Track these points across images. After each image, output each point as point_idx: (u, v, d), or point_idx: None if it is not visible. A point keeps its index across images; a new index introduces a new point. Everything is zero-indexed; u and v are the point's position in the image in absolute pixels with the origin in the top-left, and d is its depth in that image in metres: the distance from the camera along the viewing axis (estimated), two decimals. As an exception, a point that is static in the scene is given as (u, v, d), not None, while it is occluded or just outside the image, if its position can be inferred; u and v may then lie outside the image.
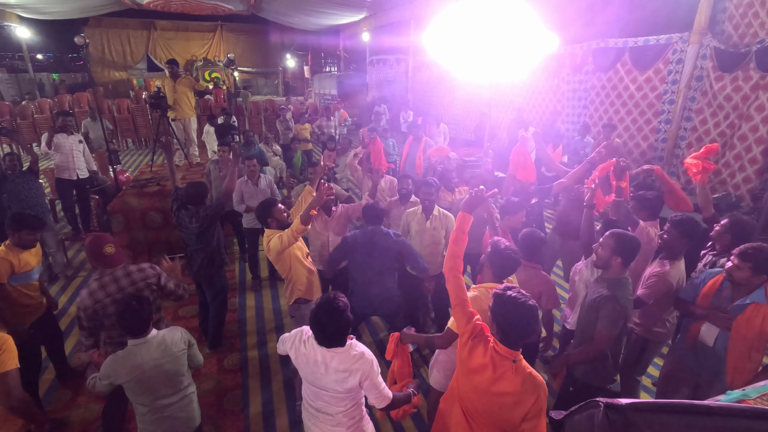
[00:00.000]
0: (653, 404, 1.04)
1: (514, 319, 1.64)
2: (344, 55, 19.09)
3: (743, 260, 2.14)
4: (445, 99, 11.76)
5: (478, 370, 1.71)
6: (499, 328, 1.69)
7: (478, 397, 1.74)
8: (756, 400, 1.54)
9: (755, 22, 5.28)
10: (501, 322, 1.67)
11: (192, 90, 6.37)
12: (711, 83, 5.65)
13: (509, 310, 1.64)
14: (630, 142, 6.82)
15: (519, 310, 1.63)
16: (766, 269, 2.12)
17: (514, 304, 1.64)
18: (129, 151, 12.14)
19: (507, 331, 1.66)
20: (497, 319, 1.69)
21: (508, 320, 1.65)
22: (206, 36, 21.35)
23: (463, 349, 1.78)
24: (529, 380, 1.64)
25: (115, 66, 19.84)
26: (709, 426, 0.95)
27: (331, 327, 1.81)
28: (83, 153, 5.81)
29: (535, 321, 1.66)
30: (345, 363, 1.83)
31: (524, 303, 1.64)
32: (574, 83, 7.72)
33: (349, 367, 1.83)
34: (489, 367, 1.68)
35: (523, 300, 1.65)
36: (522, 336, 1.67)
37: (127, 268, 2.51)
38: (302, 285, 2.93)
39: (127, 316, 2.00)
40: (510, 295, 1.66)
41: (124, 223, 5.01)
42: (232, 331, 4.01)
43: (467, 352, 1.76)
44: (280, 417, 3.05)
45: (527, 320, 1.64)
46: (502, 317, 1.66)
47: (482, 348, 1.72)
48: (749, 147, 5.32)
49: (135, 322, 2.02)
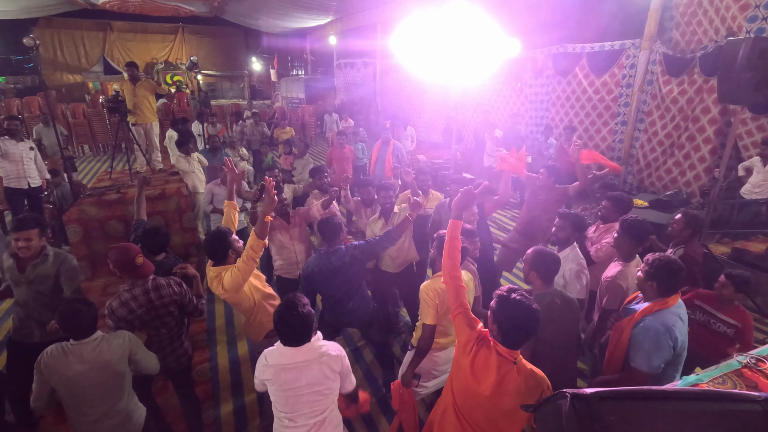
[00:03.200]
0: (615, 392, 1.10)
1: (519, 321, 1.64)
2: (311, 58, 18.97)
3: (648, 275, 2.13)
4: (413, 102, 11.90)
5: (482, 374, 1.70)
6: (500, 329, 1.68)
7: (482, 402, 1.72)
8: (708, 384, 1.65)
9: (699, 30, 5.65)
10: (504, 324, 1.66)
11: (153, 94, 6.15)
12: (660, 87, 6.00)
13: (514, 313, 1.64)
14: (590, 143, 7.13)
15: (524, 313, 1.63)
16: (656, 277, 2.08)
17: (518, 307, 1.64)
18: (86, 158, 11.57)
19: (509, 333, 1.66)
20: (499, 321, 1.67)
21: (512, 322, 1.64)
22: (167, 38, 20.68)
23: (465, 357, 1.76)
24: (532, 378, 1.66)
25: (68, 69, 18.87)
26: (665, 409, 1.01)
27: (299, 325, 1.84)
28: (35, 160, 5.50)
29: (537, 323, 1.66)
30: (317, 353, 1.89)
31: (529, 306, 1.65)
32: (536, 86, 8.00)
33: (323, 355, 1.90)
34: (493, 371, 1.67)
35: (528, 303, 1.65)
36: (524, 338, 1.68)
37: (157, 281, 2.44)
38: (270, 317, 2.61)
39: (69, 318, 1.94)
40: (515, 298, 1.66)
41: (81, 233, 4.77)
42: (201, 341, 3.89)
43: (471, 359, 1.73)
44: (254, 427, 2.98)
45: (530, 323, 1.64)
46: (506, 319, 1.65)
47: (485, 351, 1.71)
48: (697, 147, 5.67)
49: (77, 325, 1.96)
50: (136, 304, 2.35)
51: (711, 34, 5.46)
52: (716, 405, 1.01)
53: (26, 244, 2.52)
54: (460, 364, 1.78)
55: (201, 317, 2.69)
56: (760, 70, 3.66)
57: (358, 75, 14.33)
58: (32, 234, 2.54)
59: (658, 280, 2.05)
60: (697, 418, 0.98)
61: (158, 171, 6.25)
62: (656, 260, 2.07)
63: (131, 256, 2.38)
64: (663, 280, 2.04)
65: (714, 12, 5.38)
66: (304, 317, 1.85)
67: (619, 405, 1.06)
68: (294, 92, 16.42)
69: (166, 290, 2.44)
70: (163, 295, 2.43)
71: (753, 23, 4.91)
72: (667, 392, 1.07)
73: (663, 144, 6.10)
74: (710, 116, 5.45)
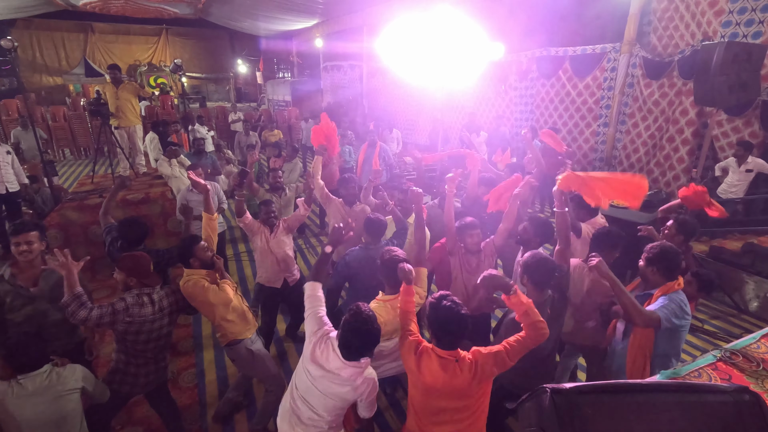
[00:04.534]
0: (594, 386, 1.13)
1: (450, 326, 1.79)
2: (298, 60, 18.90)
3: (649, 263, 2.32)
4: (399, 104, 11.95)
5: (431, 377, 1.81)
6: (434, 334, 1.85)
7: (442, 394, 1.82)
8: (684, 377, 1.70)
9: (676, 34, 5.81)
10: (436, 328, 1.82)
11: (136, 96, 6.06)
12: (641, 90, 6.15)
13: (445, 319, 1.78)
14: (573, 144, 7.26)
15: (454, 318, 1.77)
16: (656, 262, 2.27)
17: (449, 313, 1.78)
18: (67, 162, 11.34)
19: (441, 336, 1.82)
20: (433, 326, 1.83)
21: (444, 327, 1.80)
22: (150, 40, 20.40)
23: (411, 363, 1.88)
24: (473, 367, 1.78)
25: (48, 71, 18.45)
26: (641, 401, 1.04)
27: (361, 341, 1.84)
28: (12, 165, 5.36)
29: (466, 327, 1.81)
30: (354, 377, 1.88)
31: (458, 312, 1.78)
32: (520, 89, 8.11)
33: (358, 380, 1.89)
34: (440, 372, 1.79)
35: (457, 309, 1.79)
36: (456, 340, 1.82)
37: (161, 292, 2.43)
38: (235, 327, 2.67)
39: (17, 352, 1.92)
40: (445, 305, 1.80)
41: (62, 239, 4.68)
42: (186, 346, 3.85)
43: (416, 365, 1.86)
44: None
45: (460, 327, 1.79)
46: (438, 324, 1.81)
47: (426, 359, 1.84)
48: (676, 148, 5.83)
49: (24, 359, 1.94)
50: (137, 311, 2.28)
51: (688, 39, 5.62)
52: (689, 396, 1.05)
53: (28, 248, 2.43)
54: (410, 369, 1.91)
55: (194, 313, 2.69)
56: (733, 73, 3.79)
57: (345, 77, 14.34)
58: (33, 237, 2.46)
59: (657, 265, 2.23)
60: (671, 409, 1.02)
61: (142, 174, 6.17)
62: (653, 248, 2.28)
63: (146, 263, 2.40)
64: (663, 265, 2.21)
65: (690, 17, 5.54)
66: (374, 333, 1.85)
67: (597, 398, 1.09)
68: (280, 95, 16.33)
69: (166, 301, 2.43)
70: (163, 306, 2.41)
71: (727, 28, 5.07)
72: (643, 385, 1.11)
73: (646, 145, 6.24)
74: (688, 118, 5.61)
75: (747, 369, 1.79)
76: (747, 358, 1.85)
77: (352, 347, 1.83)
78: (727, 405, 1.02)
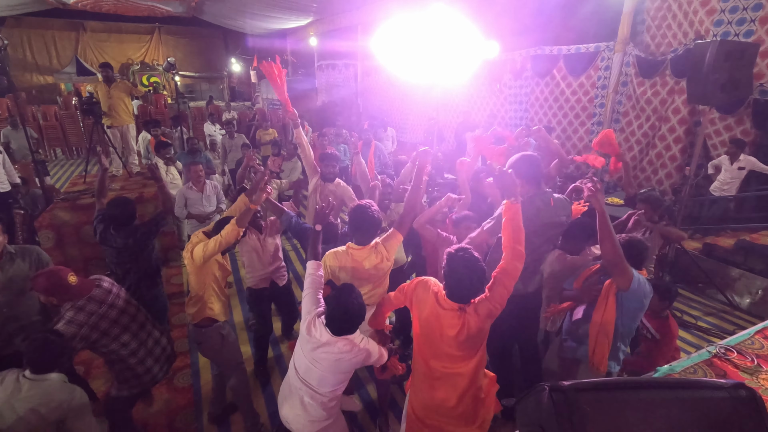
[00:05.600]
0: (591, 383, 1.13)
1: (462, 277, 1.79)
2: (292, 59, 18.82)
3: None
4: (394, 103, 11.94)
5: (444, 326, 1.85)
6: (447, 285, 1.85)
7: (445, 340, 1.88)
8: (680, 374, 1.72)
9: (669, 33, 5.85)
10: (449, 279, 1.83)
11: (129, 95, 6.02)
12: (634, 88, 6.18)
13: (458, 269, 1.79)
14: (567, 143, 7.29)
15: (468, 269, 1.78)
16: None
17: (463, 264, 1.79)
18: (58, 161, 11.23)
19: (454, 287, 1.82)
20: (447, 277, 1.84)
21: (456, 278, 1.80)
22: (143, 38, 20.20)
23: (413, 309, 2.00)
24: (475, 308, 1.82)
25: (39, 70, 18.20)
26: (638, 398, 1.04)
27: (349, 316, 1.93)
28: (3, 164, 5.30)
29: (481, 280, 1.80)
30: (350, 345, 1.95)
31: (475, 264, 1.79)
32: (515, 88, 8.13)
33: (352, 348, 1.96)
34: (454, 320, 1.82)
35: (474, 261, 1.79)
36: (469, 293, 1.82)
37: (102, 287, 2.35)
38: (216, 304, 2.63)
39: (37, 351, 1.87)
40: (460, 255, 1.81)
41: (54, 239, 4.63)
42: (182, 347, 3.82)
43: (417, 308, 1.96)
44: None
45: (473, 278, 1.79)
46: (451, 275, 1.81)
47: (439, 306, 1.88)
48: (668, 146, 5.87)
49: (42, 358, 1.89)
50: (84, 315, 2.21)
51: (680, 38, 5.65)
52: (685, 393, 1.05)
53: None
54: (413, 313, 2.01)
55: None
56: (725, 71, 3.81)
57: (340, 76, 14.29)
58: None
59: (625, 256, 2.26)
60: (667, 406, 1.02)
61: (135, 174, 6.12)
62: (621, 240, 2.31)
63: (62, 277, 2.15)
64: (629, 254, 2.22)
65: (683, 16, 5.57)
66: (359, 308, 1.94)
67: (596, 396, 1.09)
68: (275, 94, 16.25)
69: (117, 289, 2.41)
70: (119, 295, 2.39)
71: (719, 27, 5.10)
72: (641, 382, 1.11)
73: (640, 143, 6.28)
74: (680, 116, 5.65)
75: (741, 365, 1.81)
76: (741, 354, 1.87)
77: (336, 324, 1.93)
78: (724, 401, 1.03)
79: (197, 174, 4.44)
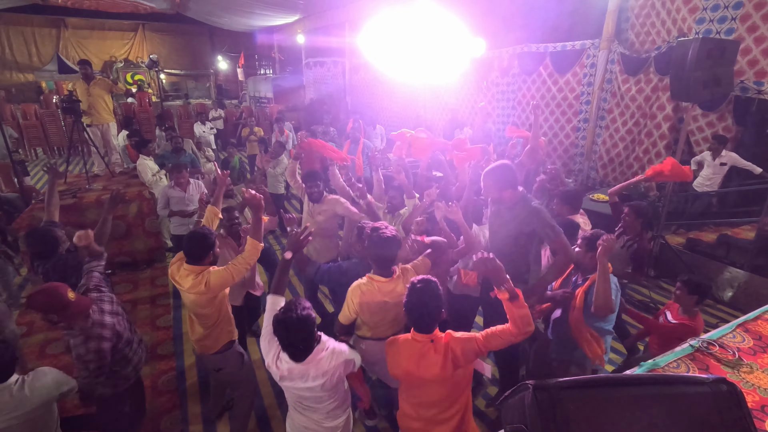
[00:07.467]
0: (576, 381, 1.12)
1: (423, 308, 1.79)
2: (279, 57, 18.64)
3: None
4: (382, 101, 11.90)
5: (409, 362, 1.84)
6: (409, 317, 1.84)
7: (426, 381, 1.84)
8: (664, 368, 1.73)
9: (653, 31, 5.92)
10: (410, 311, 1.82)
11: (109, 93, 5.89)
12: (619, 85, 6.24)
13: (418, 300, 1.79)
14: (554, 140, 7.34)
15: (426, 299, 1.78)
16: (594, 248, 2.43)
17: (422, 294, 1.79)
18: (39, 161, 10.97)
19: (416, 319, 1.83)
20: (408, 310, 1.83)
21: (416, 309, 1.80)
22: (126, 35, 19.80)
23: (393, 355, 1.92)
24: (445, 348, 1.78)
25: (18, 67, 17.73)
26: (622, 395, 1.04)
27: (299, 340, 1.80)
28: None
29: (440, 308, 1.80)
30: (322, 367, 1.84)
31: (431, 292, 1.79)
32: (502, 85, 8.16)
33: (326, 368, 1.85)
34: (416, 355, 1.81)
35: (430, 289, 1.79)
36: (431, 322, 1.81)
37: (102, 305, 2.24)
38: (232, 324, 2.57)
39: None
40: (418, 287, 1.80)
41: (34, 240, 4.51)
42: (167, 349, 3.76)
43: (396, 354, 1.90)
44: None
45: (432, 308, 1.78)
46: (411, 306, 1.81)
47: (406, 344, 1.87)
48: (654, 142, 5.94)
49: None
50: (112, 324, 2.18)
51: (664, 35, 5.72)
52: (668, 388, 1.05)
53: None
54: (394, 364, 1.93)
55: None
56: (707, 69, 3.86)
57: (328, 73, 14.20)
58: None
59: (594, 251, 2.34)
60: (650, 402, 1.02)
61: (118, 174, 6.00)
62: (591, 235, 2.48)
63: (61, 294, 2.02)
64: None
65: (666, 14, 5.64)
66: (303, 321, 1.77)
67: (580, 393, 1.08)
68: (262, 91, 16.09)
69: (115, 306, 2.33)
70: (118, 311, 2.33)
71: (701, 25, 5.17)
72: (624, 379, 1.11)
73: (625, 140, 6.35)
74: (665, 113, 5.72)
75: (723, 359, 1.83)
76: (723, 348, 1.89)
77: (291, 351, 1.82)
78: (705, 396, 1.03)
79: (180, 180, 4.44)
